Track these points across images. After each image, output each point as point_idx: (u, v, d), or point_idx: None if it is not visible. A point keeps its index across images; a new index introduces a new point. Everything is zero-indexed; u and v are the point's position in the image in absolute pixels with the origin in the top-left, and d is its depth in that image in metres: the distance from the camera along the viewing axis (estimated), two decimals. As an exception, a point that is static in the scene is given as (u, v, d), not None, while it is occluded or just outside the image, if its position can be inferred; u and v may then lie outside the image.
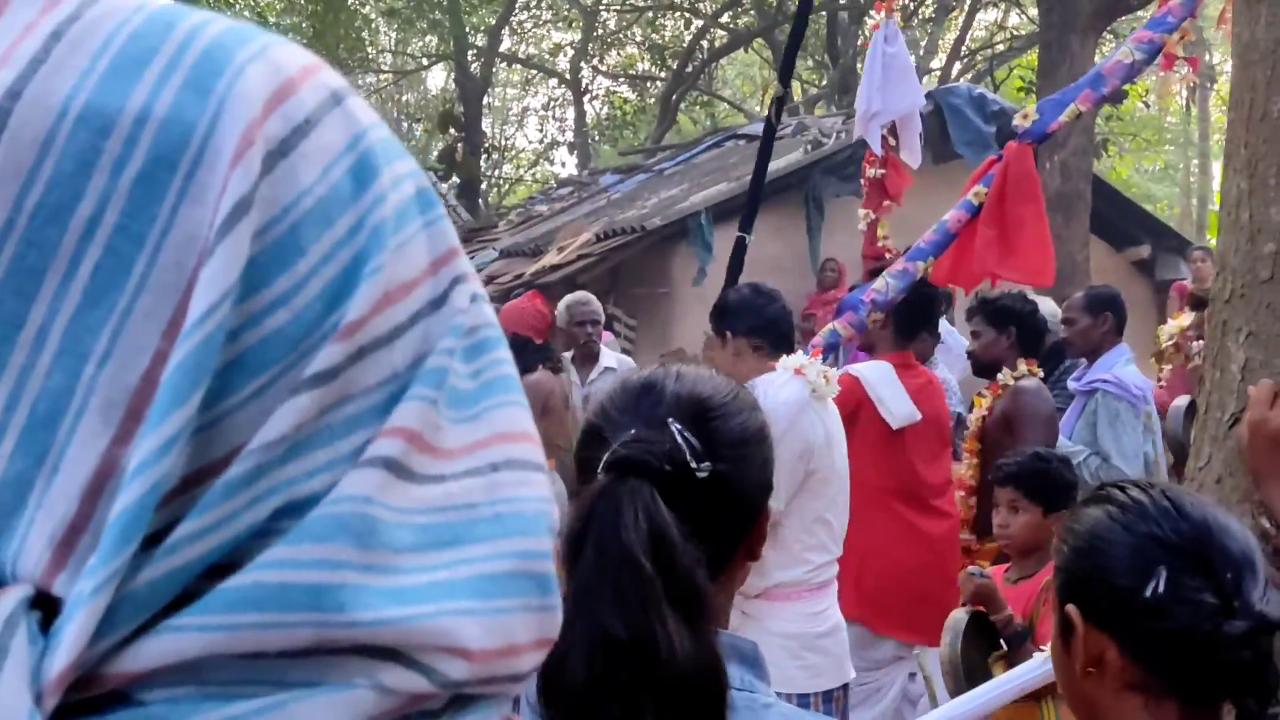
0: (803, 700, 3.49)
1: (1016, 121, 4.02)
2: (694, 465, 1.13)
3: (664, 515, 1.05)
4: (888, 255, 5.43)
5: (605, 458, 1.11)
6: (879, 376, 4.23)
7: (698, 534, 1.06)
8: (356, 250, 0.44)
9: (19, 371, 0.42)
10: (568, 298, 6.40)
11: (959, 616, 3.00)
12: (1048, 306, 5.46)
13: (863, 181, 5.52)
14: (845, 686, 3.65)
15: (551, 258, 10.41)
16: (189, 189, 0.42)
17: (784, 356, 3.63)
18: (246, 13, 18.21)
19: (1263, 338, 1.69)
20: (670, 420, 1.16)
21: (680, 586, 1.02)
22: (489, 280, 11.18)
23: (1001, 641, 3.02)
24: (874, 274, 4.95)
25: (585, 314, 6.16)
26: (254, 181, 0.42)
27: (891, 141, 5.25)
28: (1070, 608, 1.33)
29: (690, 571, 1.04)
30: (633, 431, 1.14)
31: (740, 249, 4.75)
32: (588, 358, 6.16)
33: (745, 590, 3.54)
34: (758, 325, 3.73)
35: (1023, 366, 4.45)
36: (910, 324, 4.35)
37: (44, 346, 0.42)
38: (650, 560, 1.02)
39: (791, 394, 3.51)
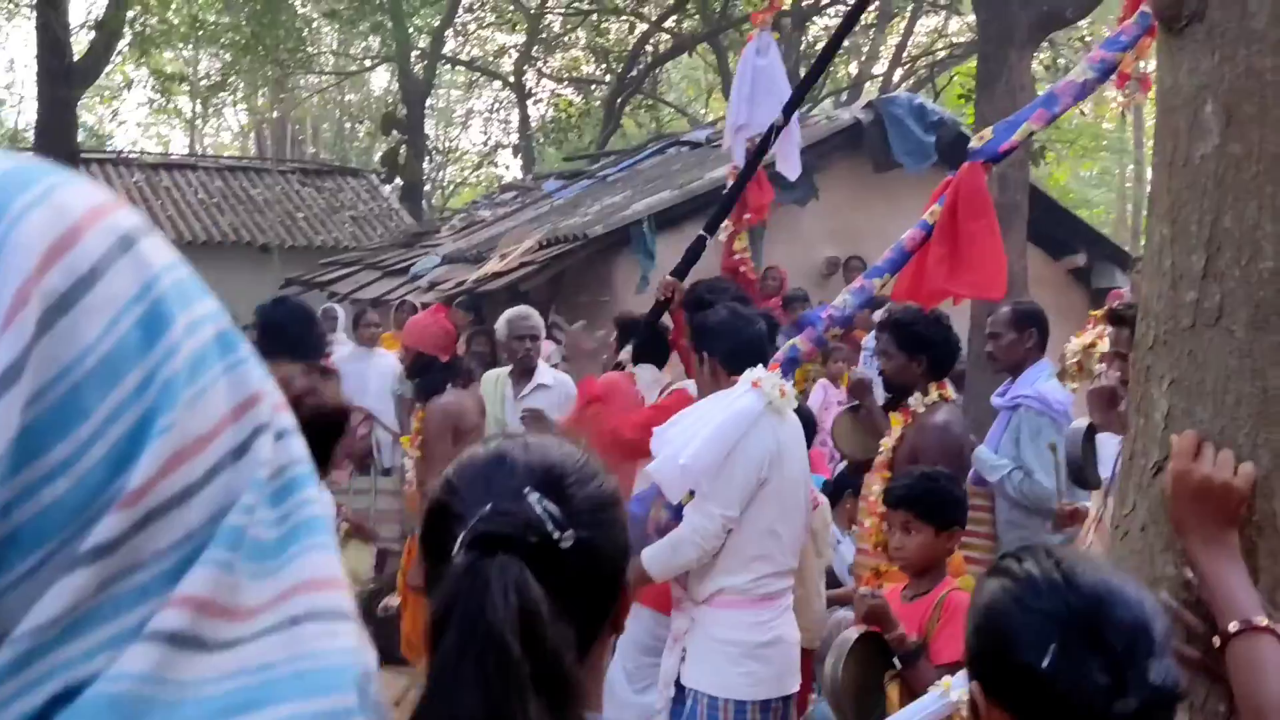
0: (740, 707, 3.59)
1: (973, 143, 4.03)
2: (557, 535, 1.08)
3: (535, 592, 1.01)
4: (743, 269, 5.46)
5: (464, 535, 1.06)
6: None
7: (565, 611, 1.02)
8: (145, 408, 0.42)
9: None
10: (508, 312, 6.36)
11: (845, 637, 3.06)
12: None
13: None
14: (787, 699, 3.71)
15: (494, 265, 10.34)
16: None
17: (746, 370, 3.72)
18: (183, 10, 17.92)
19: (1185, 385, 1.68)
20: (527, 490, 1.11)
21: (548, 669, 0.98)
22: (431, 286, 11.07)
23: (895, 660, 3.06)
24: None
25: (525, 329, 6.12)
26: (27, 344, 0.40)
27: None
28: (974, 685, 1.33)
29: (559, 653, 1.00)
30: (489, 505, 1.09)
31: (699, 247, 4.81)
32: (524, 373, 6.13)
33: (693, 596, 3.68)
34: (736, 348, 3.81)
35: (934, 392, 4.40)
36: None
37: None
38: (519, 641, 0.98)
39: (746, 405, 3.59)
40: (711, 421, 3.62)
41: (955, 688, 2.43)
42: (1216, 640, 1.57)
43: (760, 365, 3.77)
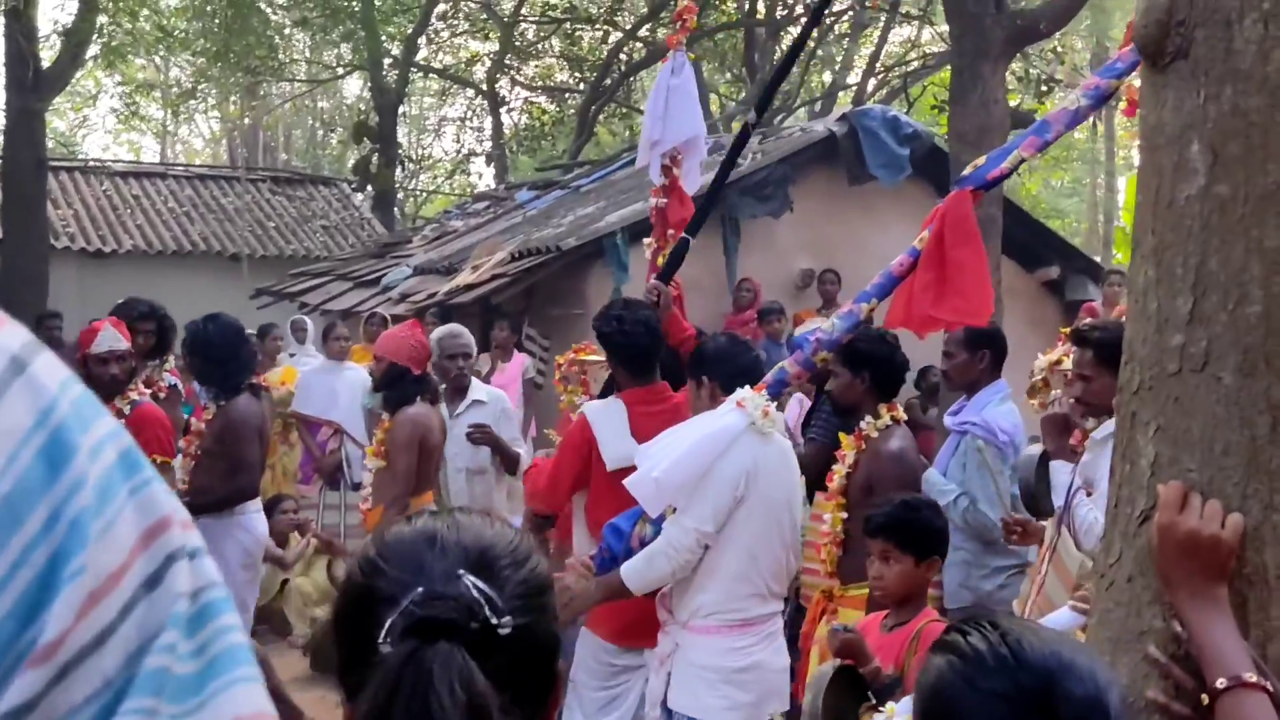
0: None
1: (966, 172, 4.02)
2: (496, 621, 1.00)
3: (482, 683, 0.95)
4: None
5: (395, 620, 0.98)
6: (604, 416, 4.33)
7: (509, 702, 0.97)
8: (54, 549, 0.38)
9: None
10: (437, 331, 6.32)
11: (823, 671, 3.03)
12: None
13: (650, 211, 5.58)
14: None
15: (466, 277, 10.25)
16: None
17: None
18: (155, 18, 17.75)
19: (1171, 433, 1.64)
20: (461, 572, 1.03)
21: None
22: (402, 298, 10.97)
23: (870, 694, 3.02)
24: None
25: (456, 347, 6.10)
26: None
27: (675, 171, 5.32)
28: None
29: None
30: (421, 589, 1.01)
31: (682, 249, 4.88)
32: (457, 391, 6.12)
33: (676, 617, 3.75)
34: (734, 372, 3.92)
35: (885, 415, 4.35)
36: (636, 362, 4.33)
37: None
38: None
39: (728, 423, 3.67)
40: (691, 437, 3.67)
41: (900, 714, 2.38)
42: (1205, 697, 1.53)
43: (749, 387, 3.83)
